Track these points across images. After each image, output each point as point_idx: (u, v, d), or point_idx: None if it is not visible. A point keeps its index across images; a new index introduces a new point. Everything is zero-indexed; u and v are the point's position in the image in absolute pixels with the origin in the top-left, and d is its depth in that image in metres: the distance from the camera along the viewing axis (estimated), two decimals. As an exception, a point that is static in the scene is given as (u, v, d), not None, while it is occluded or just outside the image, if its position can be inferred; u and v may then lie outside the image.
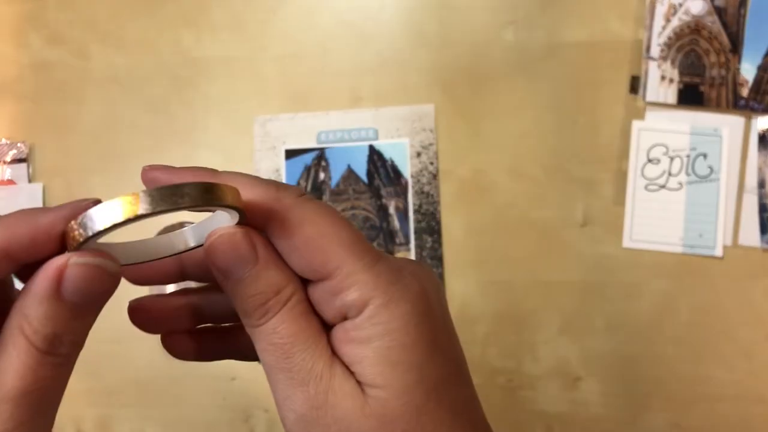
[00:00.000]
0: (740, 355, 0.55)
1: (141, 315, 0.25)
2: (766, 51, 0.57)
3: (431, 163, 0.59)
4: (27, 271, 0.20)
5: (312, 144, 0.60)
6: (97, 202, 0.20)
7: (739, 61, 0.57)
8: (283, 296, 0.21)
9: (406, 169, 0.59)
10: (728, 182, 0.57)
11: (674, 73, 0.58)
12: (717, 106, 0.57)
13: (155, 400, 0.58)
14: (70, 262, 0.19)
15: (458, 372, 0.22)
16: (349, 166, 0.59)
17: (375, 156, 0.59)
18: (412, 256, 0.58)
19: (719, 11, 0.58)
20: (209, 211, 0.21)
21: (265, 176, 0.59)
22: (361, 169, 0.59)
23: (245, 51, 0.61)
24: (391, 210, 0.59)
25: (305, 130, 0.60)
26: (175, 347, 0.26)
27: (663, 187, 0.57)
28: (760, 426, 0.55)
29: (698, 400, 0.55)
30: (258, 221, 0.22)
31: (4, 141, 0.61)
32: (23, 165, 0.60)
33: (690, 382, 0.55)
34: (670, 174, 0.57)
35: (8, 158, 0.60)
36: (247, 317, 0.22)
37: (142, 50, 0.62)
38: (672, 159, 0.57)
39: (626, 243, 0.57)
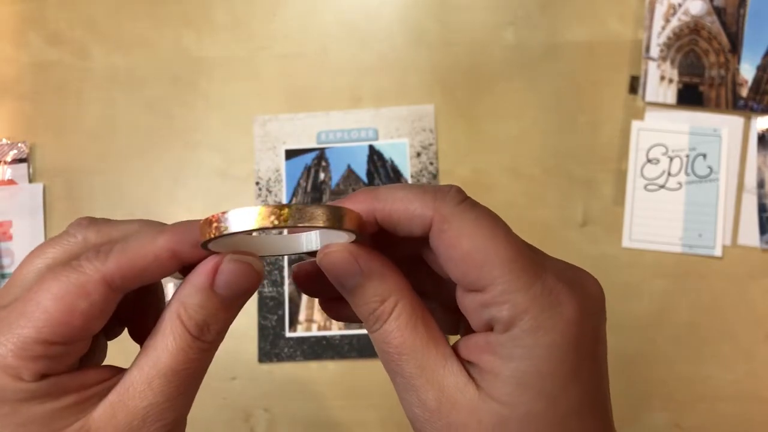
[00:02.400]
0: (740, 355, 0.55)
1: (303, 279, 0.26)
2: (766, 51, 0.57)
3: (431, 163, 0.59)
4: (188, 269, 0.23)
5: (312, 144, 0.60)
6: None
7: (739, 62, 0.57)
8: (388, 306, 0.23)
9: (406, 169, 0.59)
10: (727, 182, 0.57)
11: (674, 73, 0.58)
12: (716, 106, 0.57)
13: (155, 400, 0.58)
14: (225, 259, 0.22)
15: (594, 403, 0.22)
16: (349, 166, 0.59)
17: (375, 156, 0.59)
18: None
19: (719, 11, 0.58)
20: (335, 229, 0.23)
21: (264, 176, 0.59)
22: (361, 169, 0.59)
23: (245, 51, 0.61)
24: (391, 210, 0.59)
25: (305, 130, 0.60)
26: (331, 311, 0.27)
27: (662, 187, 0.57)
28: (760, 425, 0.55)
29: (698, 400, 0.55)
30: (416, 231, 0.23)
31: (4, 141, 0.61)
32: (23, 165, 0.60)
33: (690, 382, 0.55)
34: (669, 174, 0.57)
35: (8, 158, 0.60)
36: (365, 324, 0.24)
37: (142, 50, 0.62)
38: (671, 159, 0.57)
39: (626, 243, 0.57)
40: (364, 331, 0.57)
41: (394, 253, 0.24)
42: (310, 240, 0.25)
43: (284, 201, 0.59)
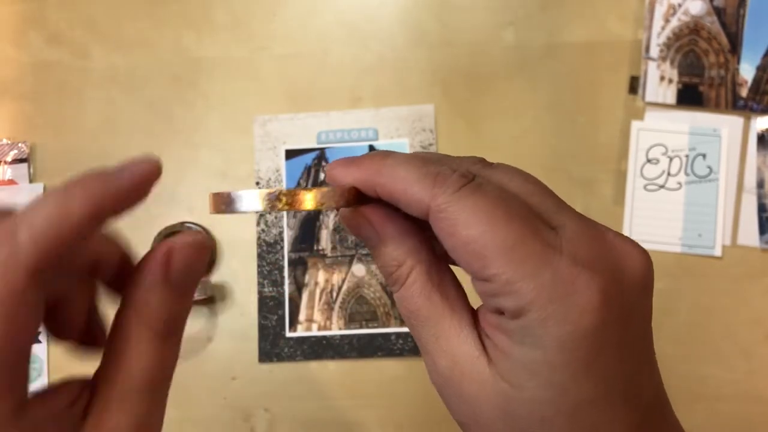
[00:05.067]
0: (739, 355, 0.55)
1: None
2: (765, 51, 0.57)
3: (431, 163, 0.59)
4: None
5: (312, 144, 0.60)
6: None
7: (738, 62, 0.57)
8: (404, 271, 0.23)
9: (406, 169, 0.59)
10: (727, 182, 0.57)
11: (673, 74, 0.58)
12: (716, 107, 0.58)
13: (155, 400, 0.58)
14: (176, 245, 0.20)
15: (614, 392, 0.20)
16: (349, 166, 0.59)
17: (375, 156, 0.59)
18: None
19: (718, 11, 0.58)
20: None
21: (264, 177, 0.59)
22: (361, 169, 0.59)
23: (245, 51, 0.61)
24: (391, 210, 0.59)
25: (305, 130, 0.60)
26: None
27: (662, 187, 0.57)
28: (760, 425, 0.55)
29: (698, 400, 0.55)
30: (416, 214, 0.22)
31: (4, 141, 0.61)
32: (24, 165, 0.60)
33: (689, 382, 0.55)
34: (669, 174, 0.57)
35: (9, 158, 0.61)
36: (386, 282, 0.24)
37: (142, 50, 0.62)
38: (671, 159, 0.57)
39: (626, 243, 0.57)
40: (364, 331, 0.57)
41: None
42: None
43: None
